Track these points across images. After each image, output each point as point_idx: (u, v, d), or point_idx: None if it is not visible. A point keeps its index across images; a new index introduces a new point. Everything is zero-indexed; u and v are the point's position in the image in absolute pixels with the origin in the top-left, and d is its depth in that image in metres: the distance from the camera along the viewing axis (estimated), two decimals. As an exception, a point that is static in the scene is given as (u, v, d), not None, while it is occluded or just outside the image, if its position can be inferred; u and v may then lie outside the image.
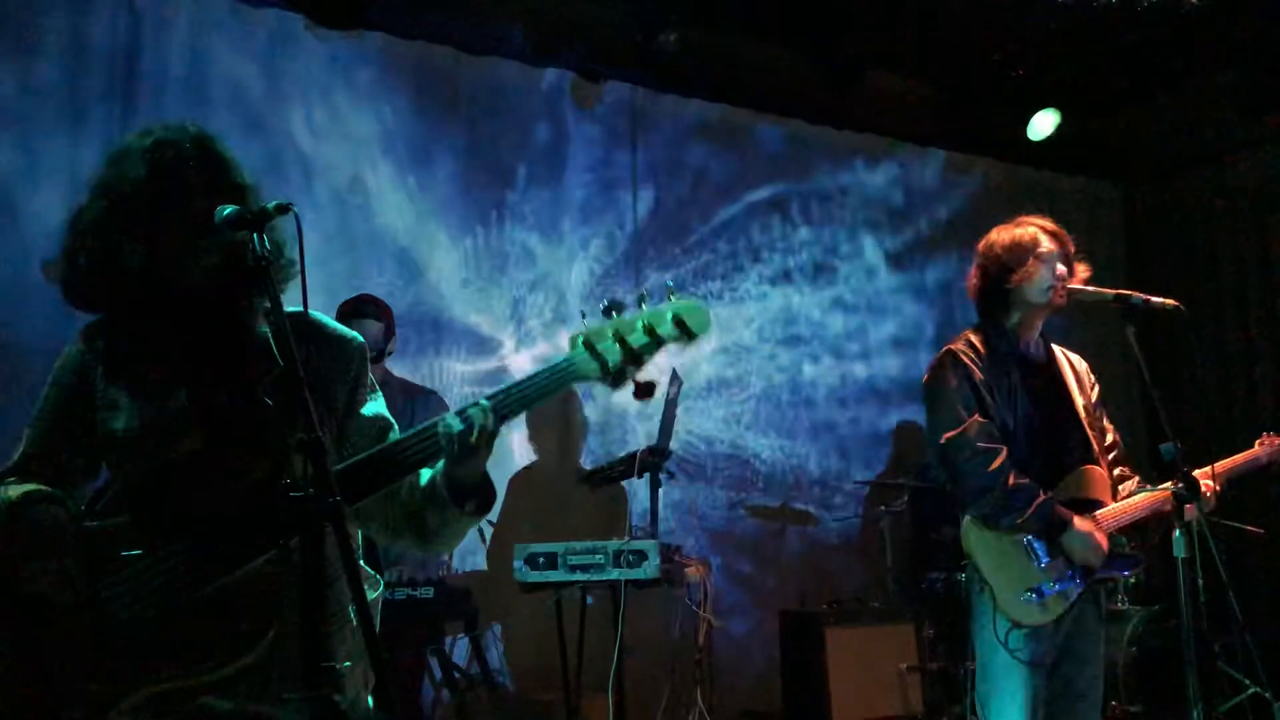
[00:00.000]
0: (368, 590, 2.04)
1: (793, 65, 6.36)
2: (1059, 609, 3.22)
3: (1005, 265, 3.43)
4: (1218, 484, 3.37)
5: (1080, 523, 3.25)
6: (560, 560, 4.18)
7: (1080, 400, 3.49)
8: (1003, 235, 3.50)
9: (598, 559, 4.16)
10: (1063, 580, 3.24)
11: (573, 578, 4.19)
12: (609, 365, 1.83)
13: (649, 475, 4.65)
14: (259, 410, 1.97)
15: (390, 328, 4.44)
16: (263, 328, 2.06)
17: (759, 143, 6.62)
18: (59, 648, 1.90)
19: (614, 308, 1.85)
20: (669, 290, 1.84)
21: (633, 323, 1.82)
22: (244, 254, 1.84)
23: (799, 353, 6.64)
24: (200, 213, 1.92)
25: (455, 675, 4.48)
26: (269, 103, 5.20)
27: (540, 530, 5.09)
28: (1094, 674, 3.34)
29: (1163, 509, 3.35)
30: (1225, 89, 6.67)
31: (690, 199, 6.40)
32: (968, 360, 3.38)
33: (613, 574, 4.15)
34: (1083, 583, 3.26)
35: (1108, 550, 3.28)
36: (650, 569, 4.15)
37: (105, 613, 1.89)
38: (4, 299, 4.39)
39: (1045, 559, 3.24)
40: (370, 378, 2.20)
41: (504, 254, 5.80)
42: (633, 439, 5.84)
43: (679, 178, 6.37)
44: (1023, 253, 3.42)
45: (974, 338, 3.45)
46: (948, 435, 3.30)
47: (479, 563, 5.30)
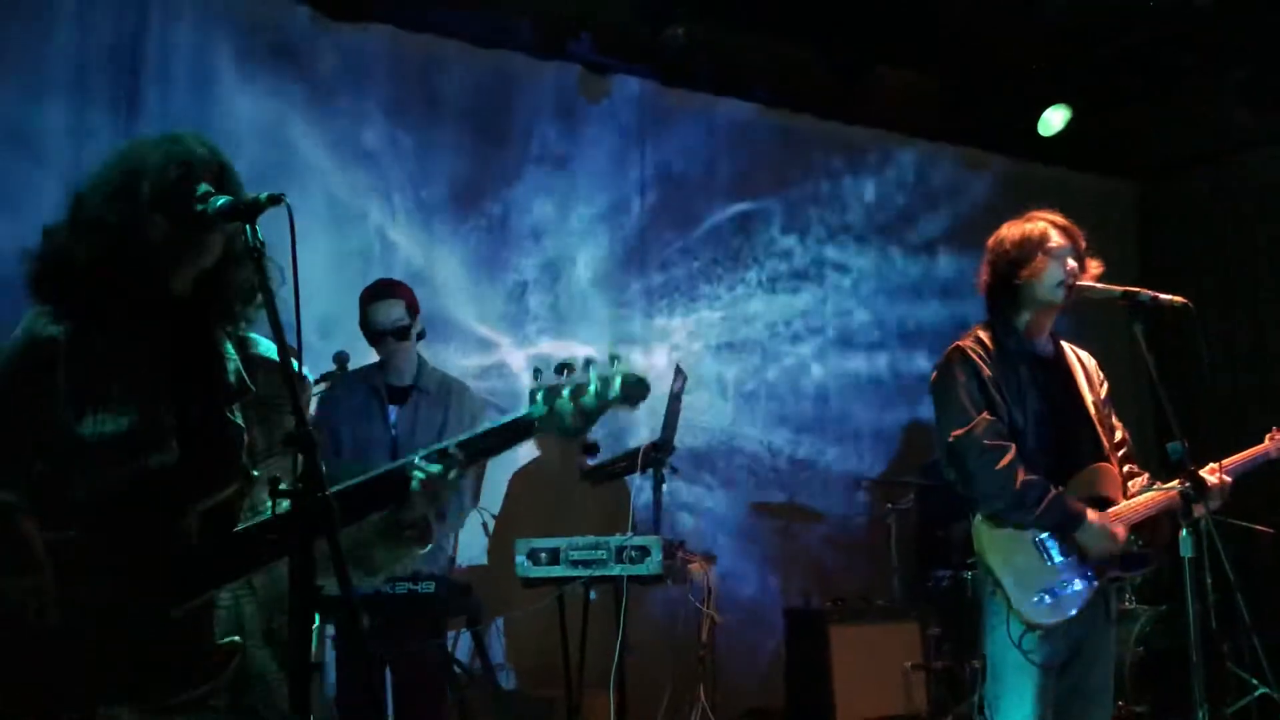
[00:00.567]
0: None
1: (801, 60, 6.34)
2: (1072, 609, 3.19)
3: (1014, 261, 3.39)
4: (1224, 476, 3.32)
5: (1094, 515, 3.22)
6: (562, 555, 4.15)
7: (1090, 397, 3.45)
8: (1012, 230, 3.45)
9: (600, 554, 4.13)
10: (1075, 580, 3.20)
11: (575, 573, 4.16)
12: (566, 423, 1.96)
13: (652, 471, 4.62)
14: (230, 431, 1.95)
15: (411, 307, 4.42)
16: (231, 354, 2.05)
17: (767, 138, 6.59)
18: (20, 664, 1.83)
19: (565, 367, 1.99)
20: (613, 357, 2.00)
21: (585, 385, 1.96)
22: (226, 266, 1.84)
23: (806, 348, 6.61)
24: (200, 214, 1.90)
25: (456, 671, 4.46)
26: (273, 95, 5.19)
27: (543, 525, 5.07)
28: (1104, 675, 3.32)
29: (1173, 507, 3.32)
30: (1237, 85, 6.62)
31: (697, 194, 6.37)
32: (976, 357, 3.34)
33: (615, 570, 4.12)
34: (1096, 582, 3.23)
35: (1123, 541, 3.25)
36: (653, 565, 4.12)
37: (68, 630, 1.82)
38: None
39: (1058, 558, 3.21)
40: (315, 418, 2.20)
41: (509, 247, 5.78)
42: (636, 434, 5.82)
43: (686, 172, 6.35)
44: (1032, 248, 3.38)
45: (983, 334, 3.42)
46: (955, 433, 3.27)
47: (480, 557, 5.29)
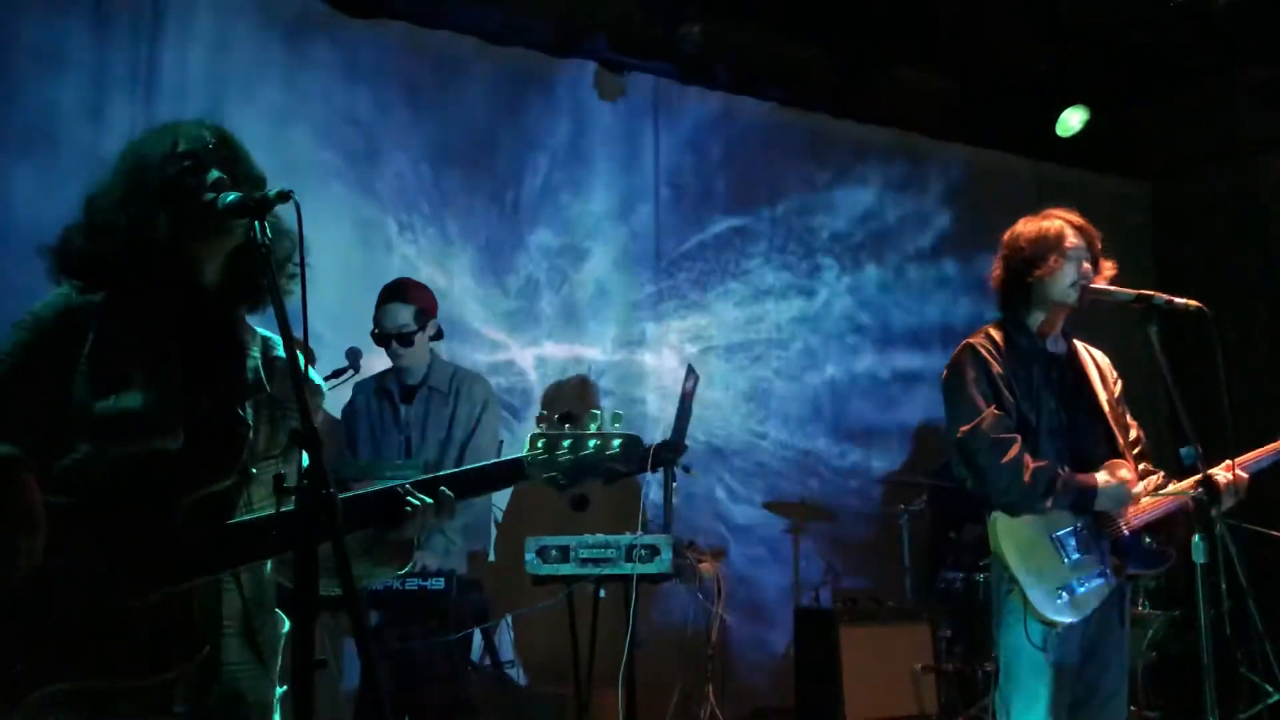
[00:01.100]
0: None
1: (817, 59, 6.32)
2: (1089, 607, 3.19)
3: (1029, 259, 3.38)
4: (1239, 473, 3.29)
5: (1103, 479, 3.24)
6: (572, 553, 4.15)
7: (1104, 395, 3.44)
8: (1028, 227, 3.44)
9: (610, 553, 4.13)
10: (1093, 577, 3.20)
11: (584, 571, 4.16)
12: (561, 470, 2.05)
13: (663, 470, 4.61)
14: (237, 426, 1.96)
15: (423, 311, 4.42)
16: (254, 353, 2.06)
17: (782, 136, 6.57)
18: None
19: (568, 419, 2.06)
20: (616, 416, 2.09)
21: (586, 440, 2.04)
22: (248, 259, 1.85)
23: (818, 348, 6.59)
24: (210, 204, 1.92)
25: (466, 667, 4.47)
26: (288, 89, 5.20)
27: (554, 523, 5.07)
28: (1118, 678, 3.31)
29: (1189, 506, 3.31)
30: (1256, 86, 6.57)
31: (712, 192, 6.36)
32: (986, 354, 3.34)
33: (625, 568, 4.12)
34: (1114, 580, 3.23)
35: (1133, 494, 3.26)
36: (663, 564, 4.12)
37: (47, 596, 1.82)
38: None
39: (1076, 555, 3.21)
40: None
41: (520, 245, 5.78)
42: (648, 433, 5.82)
43: (701, 170, 6.34)
44: (1047, 247, 3.37)
45: (994, 332, 3.42)
46: (964, 429, 3.27)
47: (490, 554, 5.30)
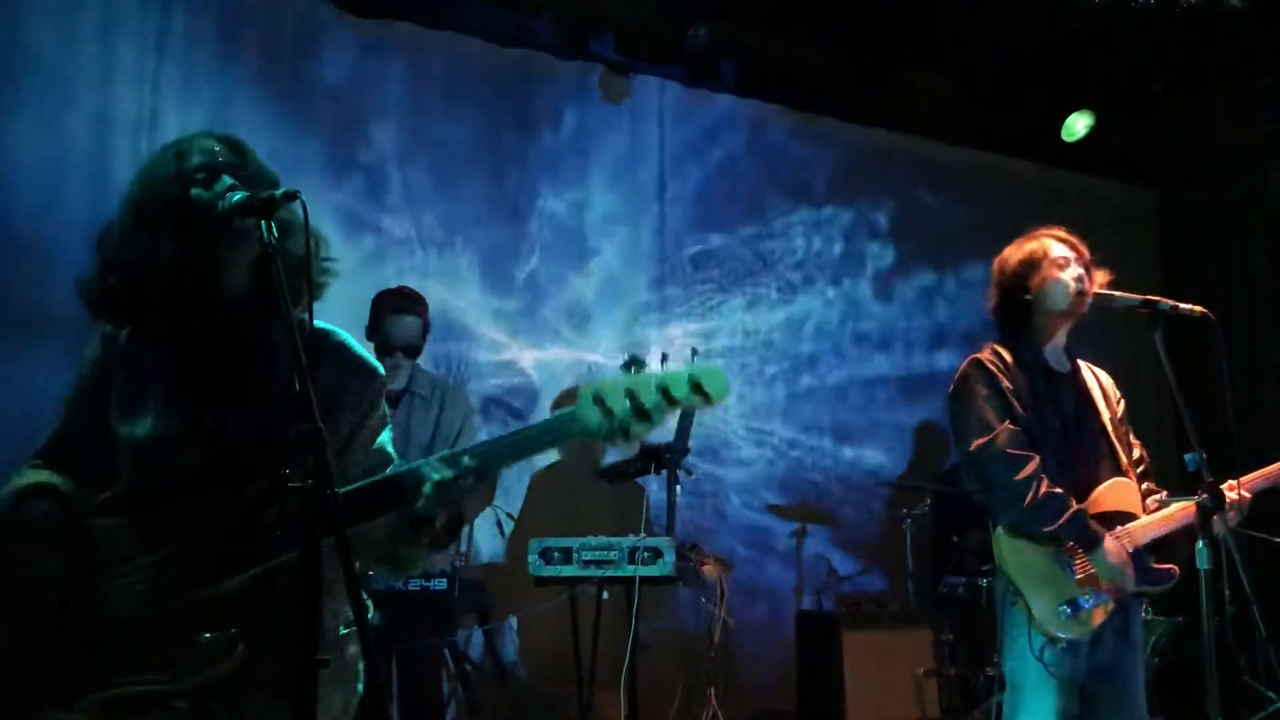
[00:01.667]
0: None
1: (823, 62, 6.31)
2: (1094, 623, 3.18)
3: (1021, 277, 3.40)
4: (1242, 492, 3.28)
5: (1111, 543, 3.21)
6: (575, 555, 4.15)
7: (1107, 414, 3.44)
8: (1015, 251, 3.47)
9: (613, 555, 4.13)
10: (1098, 594, 3.19)
11: (587, 573, 4.16)
12: (615, 420, 1.77)
13: (667, 472, 4.61)
14: (273, 435, 1.94)
15: (426, 324, 4.44)
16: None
17: (788, 139, 6.56)
18: (41, 638, 1.89)
19: (634, 363, 1.81)
20: (693, 352, 1.81)
21: (647, 381, 1.76)
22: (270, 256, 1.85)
23: (824, 351, 6.59)
24: (223, 214, 1.93)
25: (467, 668, 4.47)
26: (294, 90, 5.21)
27: (558, 525, 5.07)
28: (1135, 690, 3.28)
29: (1191, 524, 3.29)
30: (1265, 92, 6.55)
31: (717, 195, 6.36)
32: (995, 369, 3.33)
33: (627, 570, 4.12)
34: (1118, 597, 3.22)
35: (1134, 571, 3.23)
36: (665, 566, 4.12)
37: (93, 610, 1.89)
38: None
39: (1079, 573, 3.19)
40: (383, 410, 2.19)
41: (525, 246, 5.78)
42: (651, 435, 5.80)
43: (707, 173, 6.33)
44: (1036, 262, 3.39)
45: (1000, 349, 3.42)
46: (978, 443, 3.25)
47: (497, 554, 5.30)
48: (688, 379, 1.75)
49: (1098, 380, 3.52)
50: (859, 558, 6.35)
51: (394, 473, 1.95)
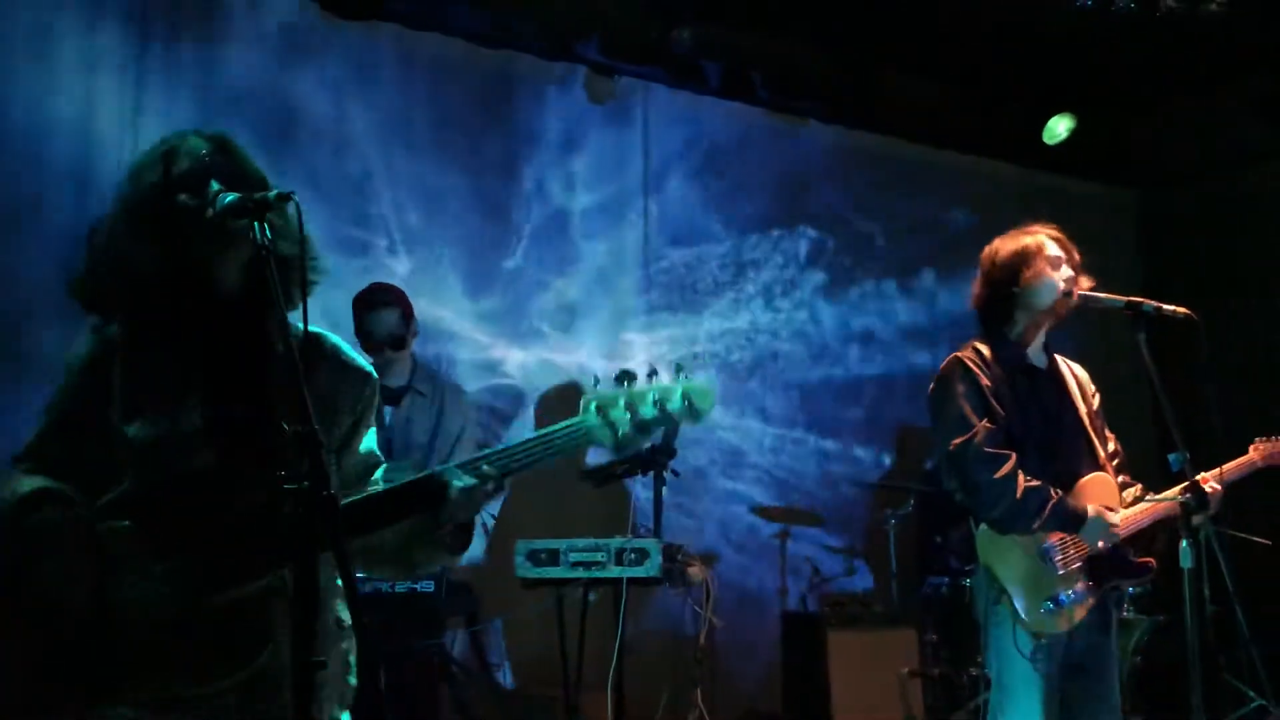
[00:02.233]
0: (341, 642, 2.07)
1: (808, 65, 6.33)
2: (1076, 618, 3.21)
3: (1011, 269, 3.41)
4: (1214, 485, 3.31)
5: (1094, 509, 3.26)
6: (562, 557, 4.16)
7: (1083, 408, 3.48)
8: (1008, 243, 3.47)
9: (600, 556, 4.14)
10: (1080, 589, 3.22)
11: (574, 575, 4.17)
12: (619, 434, 1.88)
13: (653, 474, 4.62)
14: (275, 433, 1.93)
15: (406, 314, 4.43)
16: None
17: (773, 142, 6.58)
18: (58, 647, 1.87)
19: (625, 377, 1.90)
20: (676, 367, 1.92)
21: (644, 395, 1.86)
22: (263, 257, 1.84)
23: (808, 352, 6.61)
24: (213, 217, 1.92)
25: (454, 670, 4.47)
26: (279, 91, 5.19)
27: (541, 526, 5.07)
28: (1111, 683, 3.32)
29: (1169, 517, 3.34)
30: (1245, 95, 6.62)
31: (702, 197, 6.37)
32: (974, 367, 3.36)
33: (614, 572, 4.13)
34: (1098, 590, 3.25)
35: (1119, 536, 3.29)
36: (652, 567, 4.13)
37: (110, 616, 1.87)
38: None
39: (1061, 568, 3.22)
40: (373, 413, 2.21)
41: (510, 248, 5.78)
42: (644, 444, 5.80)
43: (692, 175, 6.34)
44: (1029, 257, 3.40)
45: (980, 346, 3.44)
46: (956, 442, 3.28)
47: (476, 556, 5.28)
48: (681, 394, 1.86)
49: (1074, 375, 3.55)
50: (843, 558, 6.37)
51: (420, 477, 1.97)
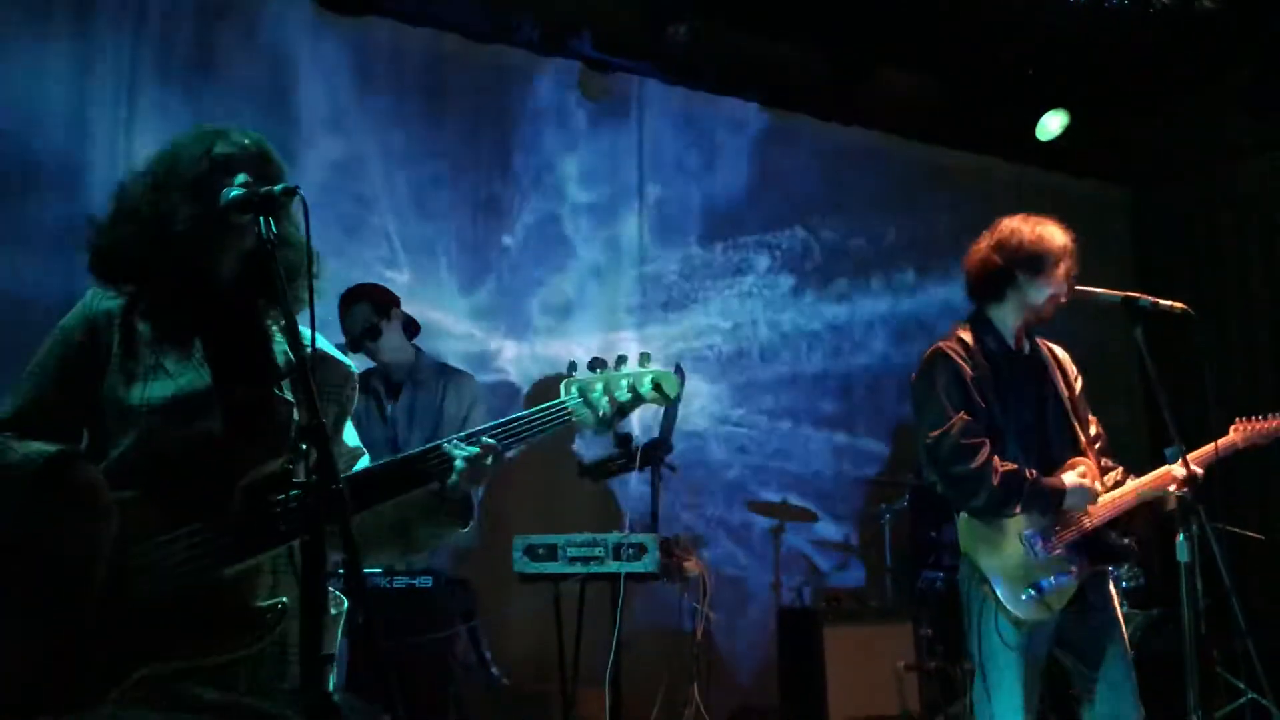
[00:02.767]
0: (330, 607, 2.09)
1: (802, 61, 6.34)
2: (1058, 604, 3.24)
3: (1026, 260, 3.39)
4: (1194, 469, 3.33)
5: (1070, 480, 3.29)
6: (560, 552, 4.16)
7: (1065, 393, 3.50)
8: (1032, 230, 3.43)
9: (597, 551, 4.15)
10: (1060, 574, 3.24)
11: (572, 570, 4.17)
12: (599, 415, 2.07)
13: (650, 469, 4.63)
14: (277, 405, 2.00)
15: (379, 303, 4.42)
16: (279, 337, 2.09)
17: (766, 138, 6.59)
18: (72, 617, 1.85)
19: (598, 364, 2.09)
20: (643, 356, 2.11)
21: (619, 380, 2.07)
22: (263, 257, 1.87)
23: (803, 348, 6.62)
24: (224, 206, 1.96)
25: (452, 665, 4.46)
26: (272, 85, 5.17)
27: (536, 521, 5.08)
28: (1121, 666, 3.30)
29: (1153, 499, 3.38)
30: (1237, 92, 6.65)
31: (696, 193, 6.37)
32: (957, 358, 3.37)
33: (612, 567, 4.14)
34: (1080, 575, 3.27)
35: (1096, 493, 3.33)
36: (650, 562, 4.14)
37: (126, 586, 1.87)
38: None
39: (1043, 553, 3.25)
40: (352, 408, 2.28)
41: (504, 243, 5.77)
42: (634, 433, 5.81)
43: (685, 171, 6.34)
44: (1047, 257, 3.39)
45: (963, 334, 3.45)
46: (933, 435, 3.31)
47: (478, 552, 5.29)
48: (650, 379, 2.07)
49: (1056, 358, 3.57)
50: (838, 553, 6.39)
51: (423, 449, 2.04)
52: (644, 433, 5.35)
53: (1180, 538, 3.16)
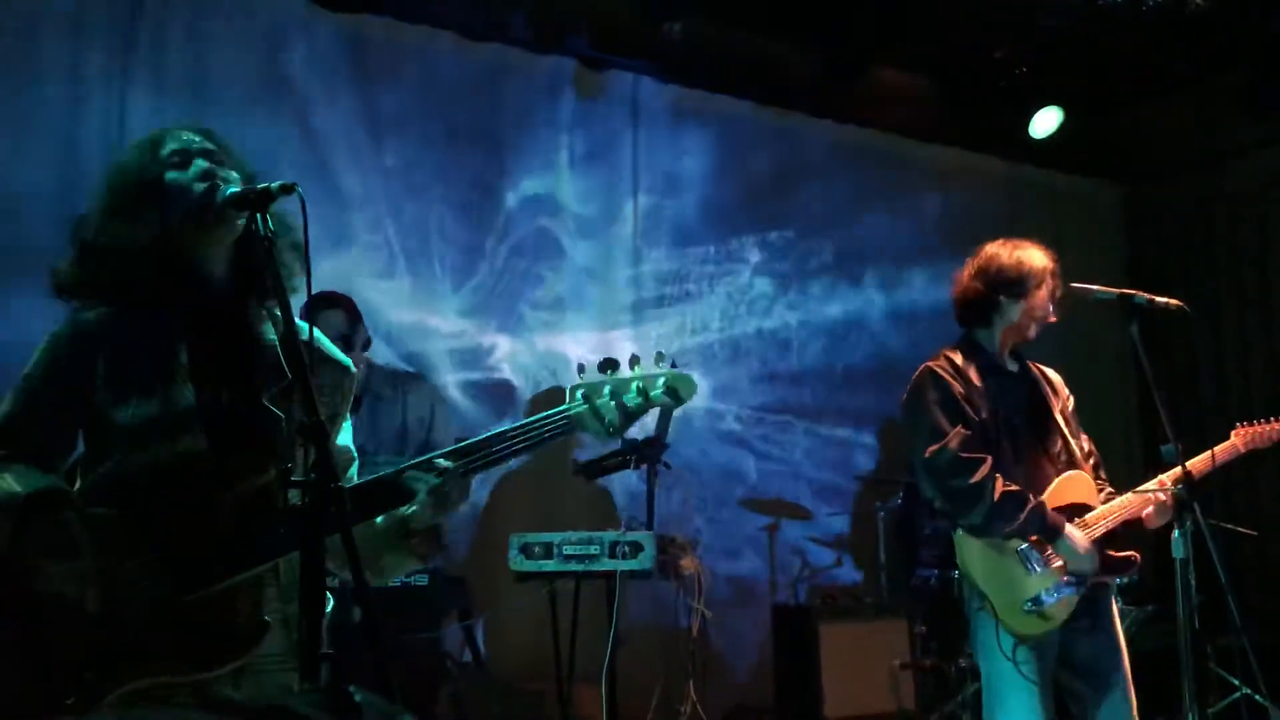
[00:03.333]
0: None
1: (797, 58, 6.34)
2: (1060, 617, 3.23)
3: (1008, 283, 3.43)
4: (1196, 473, 3.34)
5: (1071, 530, 3.26)
6: (555, 550, 4.16)
7: (1057, 407, 3.51)
8: (1011, 254, 3.47)
9: (593, 549, 4.14)
10: (1060, 588, 3.23)
11: (567, 568, 4.17)
12: (605, 421, 1.96)
13: (646, 467, 4.62)
14: (264, 418, 1.97)
15: (352, 315, 4.40)
16: (270, 336, 2.06)
17: (761, 136, 6.59)
18: (60, 639, 1.84)
19: (609, 365, 1.97)
20: (658, 356, 1.97)
21: (628, 383, 1.94)
22: (252, 249, 1.85)
23: (797, 345, 6.62)
24: (206, 196, 1.95)
25: (448, 664, 4.47)
26: (266, 84, 5.16)
27: (531, 519, 5.08)
28: (1120, 682, 3.31)
29: (1149, 507, 3.37)
30: (1229, 90, 6.66)
31: (690, 190, 6.37)
32: (947, 376, 3.39)
33: (607, 565, 4.13)
34: (1081, 587, 3.26)
35: (1099, 557, 3.29)
36: (645, 560, 4.13)
37: (104, 607, 1.85)
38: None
39: (1040, 568, 3.24)
40: (349, 406, 2.26)
41: (499, 240, 5.76)
42: (629, 430, 5.80)
43: (680, 169, 6.34)
44: (1028, 281, 3.42)
45: (952, 354, 3.47)
46: (931, 449, 3.30)
47: (472, 551, 5.29)
48: (663, 382, 1.94)
49: (1046, 378, 3.59)
50: (833, 551, 6.40)
51: (388, 475, 1.98)
52: (640, 430, 5.35)
53: (1175, 534, 3.17)
